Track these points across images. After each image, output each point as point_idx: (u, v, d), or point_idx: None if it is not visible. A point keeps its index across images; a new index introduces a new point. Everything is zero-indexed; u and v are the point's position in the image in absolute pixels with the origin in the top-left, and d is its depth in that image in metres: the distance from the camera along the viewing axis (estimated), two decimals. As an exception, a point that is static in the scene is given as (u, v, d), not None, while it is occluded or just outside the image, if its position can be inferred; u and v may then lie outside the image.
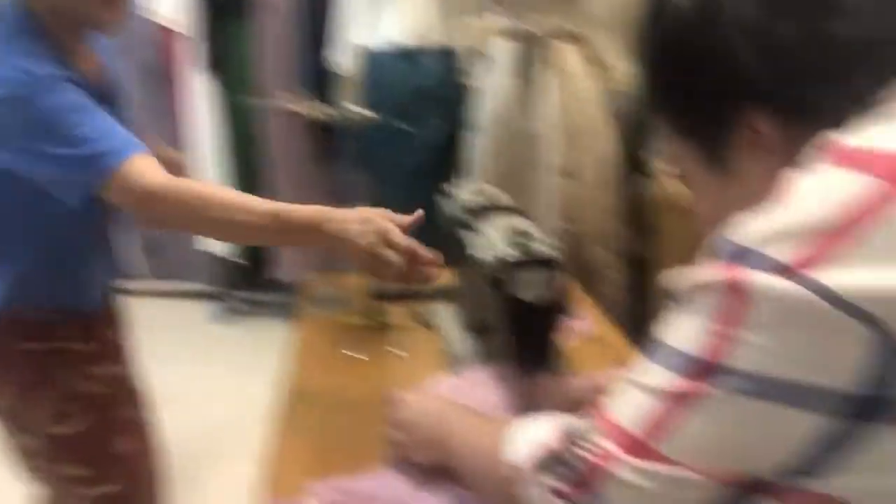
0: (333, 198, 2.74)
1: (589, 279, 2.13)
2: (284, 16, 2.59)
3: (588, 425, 0.50)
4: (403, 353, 1.10)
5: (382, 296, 1.20)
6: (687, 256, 1.66)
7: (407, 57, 2.37)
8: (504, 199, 1.07)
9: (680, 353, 0.44)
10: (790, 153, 0.47)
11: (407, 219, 0.88)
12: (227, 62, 2.68)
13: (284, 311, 2.90)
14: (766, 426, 0.40)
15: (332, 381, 1.03)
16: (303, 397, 0.98)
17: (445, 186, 1.20)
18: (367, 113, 1.23)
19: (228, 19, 2.63)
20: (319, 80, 2.58)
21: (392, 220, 0.87)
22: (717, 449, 0.42)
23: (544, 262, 0.82)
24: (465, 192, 1.11)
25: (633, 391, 0.47)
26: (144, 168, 0.90)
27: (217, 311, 3.06)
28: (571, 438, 0.50)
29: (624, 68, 2.36)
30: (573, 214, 2.14)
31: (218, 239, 1.07)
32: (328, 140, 2.68)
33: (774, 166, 0.48)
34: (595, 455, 0.47)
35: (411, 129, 2.39)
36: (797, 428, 0.39)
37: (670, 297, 0.47)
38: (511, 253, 0.83)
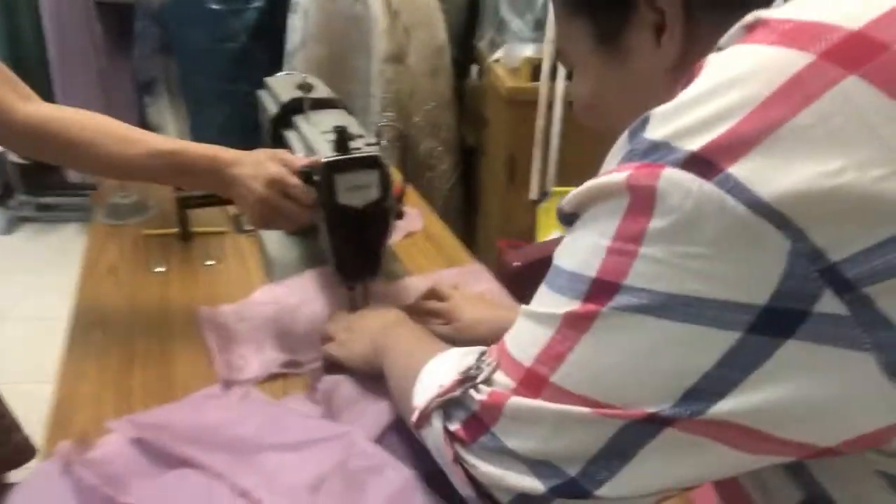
0: (133, 91, 2.41)
1: (417, 170, 2.10)
2: None
3: (483, 361, 0.45)
4: (211, 262, 0.99)
5: (188, 200, 1.07)
6: (515, 146, 1.65)
7: None
8: (325, 91, 0.96)
9: (573, 275, 0.38)
10: (693, 44, 0.42)
11: (301, 160, 0.79)
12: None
13: (80, 214, 2.58)
14: (669, 347, 0.35)
15: (132, 299, 0.91)
16: (97, 319, 0.85)
17: (264, 78, 1.06)
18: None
19: None
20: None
21: (285, 163, 0.78)
22: (613, 377, 0.37)
23: (367, 163, 0.75)
24: (283, 84, 0.98)
25: (527, 321, 0.42)
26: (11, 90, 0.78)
27: (2, 218, 2.66)
28: (466, 375, 0.45)
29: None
30: (401, 103, 2.06)
31: (101, 175, 0.92)
32: (124, 22, 2.31)
33: (672, 56, 0.43)
34: (487, 391, 0.43)
35: (224, 7, 2.12)
36: (705, 348, 0.34)
37: (564, 218, 0.41)
38: (330, 154, 0.75)
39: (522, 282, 1.16)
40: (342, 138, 0.75)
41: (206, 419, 0.66)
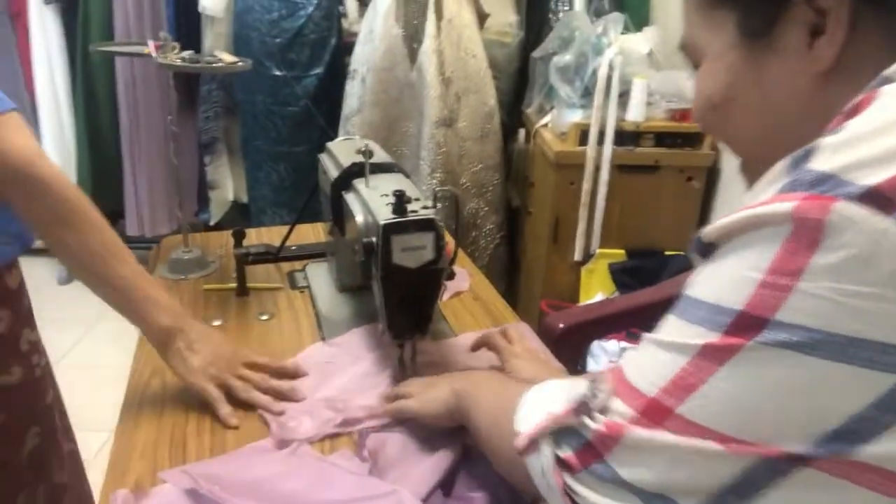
0: (195, 151, 2.53)
1: (463, 230, 2.13)
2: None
3: (598, 388, 0.43)
4: (265, 316, 1.02)
5: (247, 256, 1.11)
6: (560, 208, 1.66)
7: (280, -4, 2.19)
8: (384, 156, 1.00)
9: (714, 307, 0.37)
10: (850, 54, 0.39)
11: (267, 364, 0.86)
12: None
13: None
14: (817, 385, 0.34)
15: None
16: (156, 369, 0.88)
17: (326, 143, 1.11)
18: (237, 59, 1.10)
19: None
20: (185, 23, 2.35)
21: (250, 364, 0.84)
22: (750, 412, 0.35)
23: (423, 226, 0.77)
24: (344, 149, 1.03)
25: (653, 350, 0.40)
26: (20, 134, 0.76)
27: (61, 268, 2.78)
28: (578, 403, 0.44)
29: (506, 18, 2.33)
30: (449, 166, 2.11)
31: (63, 262, 0.87)
32: (190, 85, 2.46)
33: (825, 62, 0.40)
34: (603, 420, 0.41)
35: (285, 74, 2.24)
36: (858, 389, 0.33)
37: (701, 249, 0.40)
38: (388, 216, 0.78)
39: (566, 343, 1.17)
40: (400, 201, 0.78)
41: (258, 473, 0.67)
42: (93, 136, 2.51)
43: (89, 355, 2.26)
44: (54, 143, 2.54)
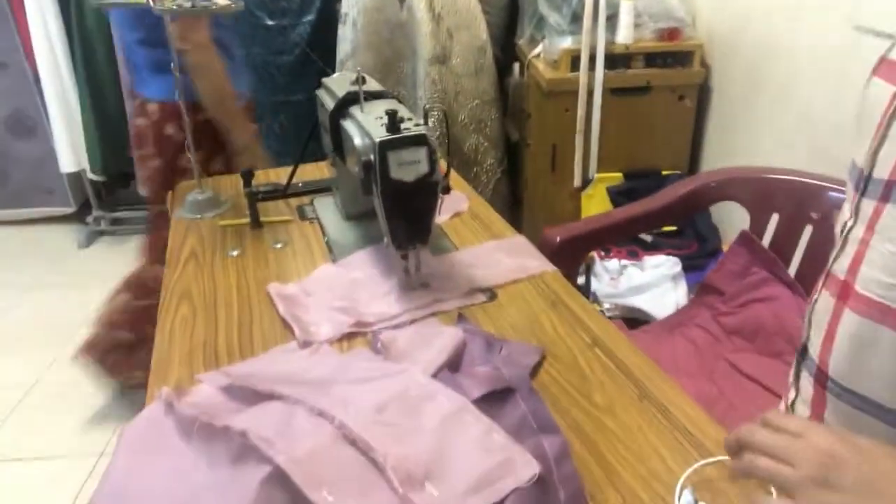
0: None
1: (464, 166, 2.18)
2: None
3: None
4: (279, 245, 1.10)
5: (257, 194, 1.18)
6: (556, 137, 1.74)
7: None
8: (377, 85, 1.06)
9: None
10: None
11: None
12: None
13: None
14: None
15: (212, 278, 1.02)
16: (184, 294, 0.97)
17: (322, 79, 1.16)
18: (229, 2, 1.15)
19: None
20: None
21: None
22: None
23: (416, 140, 0.84)
24: (339, 81, 1.08)
25: None
26: None
27: (82, 234, 2.87)
28: None
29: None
30: (447, 102, 2.15)
31: None
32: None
33: None
34: None
35: (277, 23, 2.27)
36: None
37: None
38: (382, 134, 0.84)
39: (564, 256, 1.24)
40: (393, 120, 0.84)
41: (285, 367, 0.76)
42: (96, 99, 2.57)
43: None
44: (59, 110, 2.60)
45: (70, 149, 2.66)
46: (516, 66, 2.40)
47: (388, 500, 0.55)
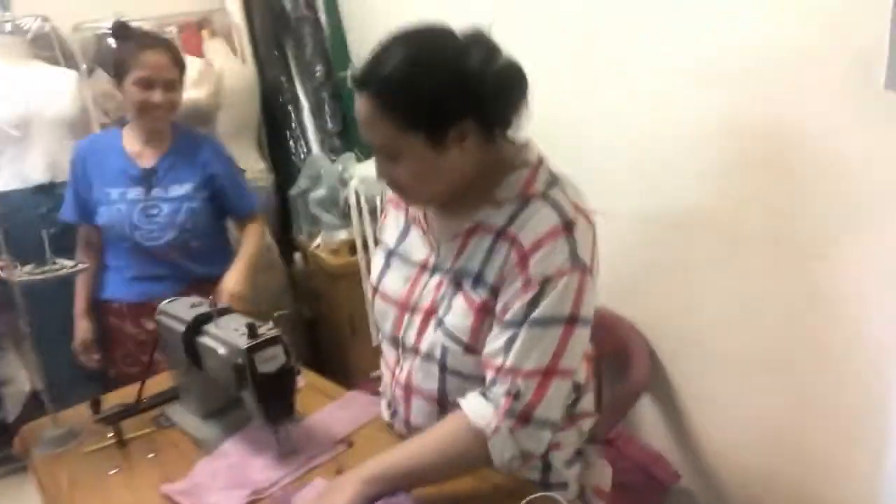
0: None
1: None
2: None
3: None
4: (151, 455, 1.25)
5: (108, 418, 1.32)
6: (353, 308, 2.18)
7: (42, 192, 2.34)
8: (216, 304, 1.33)
9: None
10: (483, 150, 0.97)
11: None
12: None
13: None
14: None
15: (108, 500, 1.15)
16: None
17: (159, 307, 1.39)
18: (75, 262, 1.35)
19: None
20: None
21: None
22: None
23: (274, 341, 1.13)
24: (181, 306, 1.33)
25: None
26: None
27: None
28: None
29: (257, 166, 2.74)
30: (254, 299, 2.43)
31: None
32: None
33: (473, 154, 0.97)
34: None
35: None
36: None
37: None
38: (246, 341, 1.12)
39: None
40: (252, 329, 1.13)
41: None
42: None
43: None
44: None
45: None
46: (297, 255, 2.78)
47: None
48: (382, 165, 1.00)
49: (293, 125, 2.72)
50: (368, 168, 2.37)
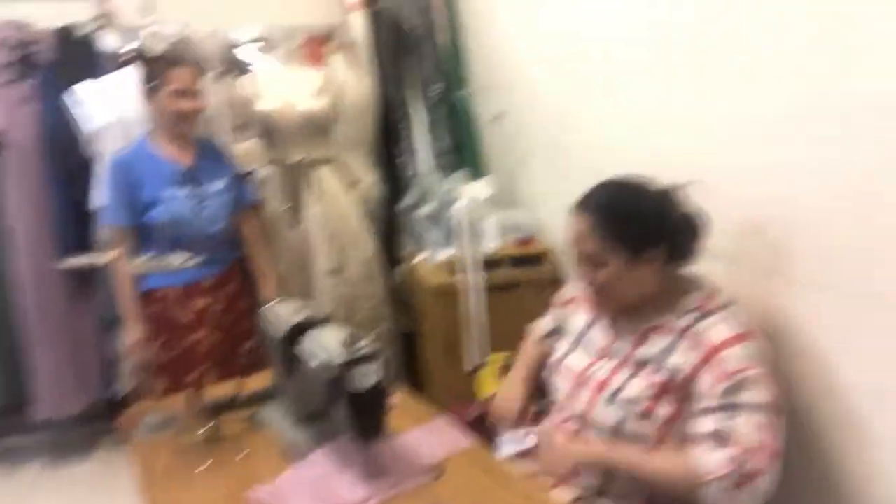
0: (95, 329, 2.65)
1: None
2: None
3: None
4: (241, 455, 1.27)
5: (210, 409, 1.36)
6: (448, 329, 2.15)
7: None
8: (320, 314, 1.33)
9: None
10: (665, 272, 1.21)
11: None
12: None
13: (43, 455, 2.69)
14: None
15: (186, 497, 1.17)
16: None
17: (262, 308, 1.42)
18: (186, 257, 1.41)
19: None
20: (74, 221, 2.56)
21: None
22: None
23: (370, 358, 1.11)
24: (283, 310, 1.35)
25: None
26: None
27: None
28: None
29: (370, 180, 2.79)
30: (346, 306, 2.46)
31: None
32: (88, 284, 2.63)
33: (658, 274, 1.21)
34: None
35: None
36: None
37: None
38: (343, 355, 1.11)
39: (477, 428, 1.52)
40: (352, 342, 1.11)
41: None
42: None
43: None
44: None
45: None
46: (399, 269, 2.79)
47: None
48: (586, 271, 1.25)
49: (406, 141, 2.76)
50: (476, 189, 2.35)
